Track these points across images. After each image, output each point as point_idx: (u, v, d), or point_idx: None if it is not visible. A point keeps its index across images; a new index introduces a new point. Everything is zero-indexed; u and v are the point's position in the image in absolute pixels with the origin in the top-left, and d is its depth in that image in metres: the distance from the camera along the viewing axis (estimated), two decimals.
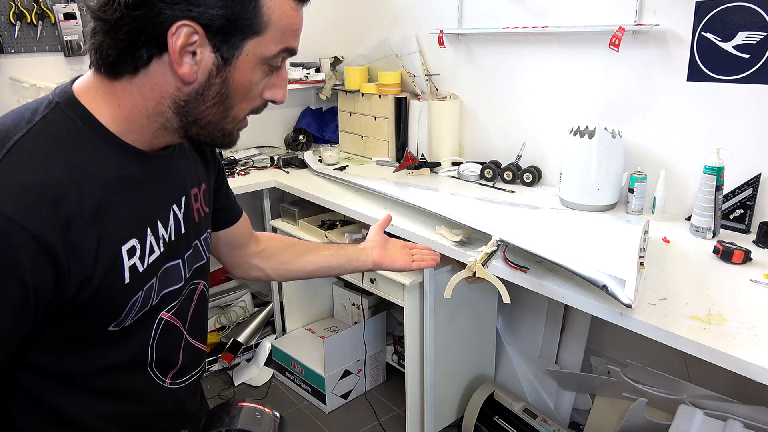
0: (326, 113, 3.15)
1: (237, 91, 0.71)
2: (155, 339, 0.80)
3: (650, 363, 1.81)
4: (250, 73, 0.71)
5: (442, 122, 2.46)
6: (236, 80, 0.70)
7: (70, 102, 0.69)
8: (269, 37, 0.69)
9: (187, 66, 0.67)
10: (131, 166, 0.72)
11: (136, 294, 0.72)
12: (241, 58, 0.69)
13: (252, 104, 0.75)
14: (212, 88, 0.70)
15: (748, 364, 1.06)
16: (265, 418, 0.79)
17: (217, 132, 0.74)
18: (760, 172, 1.65)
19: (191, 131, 0.74)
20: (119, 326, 0.73)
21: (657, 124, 1.86)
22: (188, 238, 0.84)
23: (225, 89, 0.70)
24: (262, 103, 0.76)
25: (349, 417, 2.41)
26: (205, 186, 0.91)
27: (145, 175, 0.74)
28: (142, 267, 0.73)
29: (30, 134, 0.64)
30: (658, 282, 1.38)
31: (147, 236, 0.74)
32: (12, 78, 2.33)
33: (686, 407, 1.48)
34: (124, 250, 0.70)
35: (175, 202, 0.81)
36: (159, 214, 0.77)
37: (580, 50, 2.02)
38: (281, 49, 0.71)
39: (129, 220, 0.71)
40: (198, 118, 0.72)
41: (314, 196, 2.22)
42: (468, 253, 1.57)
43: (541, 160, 2.22)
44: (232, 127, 0.75)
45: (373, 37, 2.79)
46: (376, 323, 2.50)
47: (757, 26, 1.58)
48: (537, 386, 2.19)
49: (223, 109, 0.72)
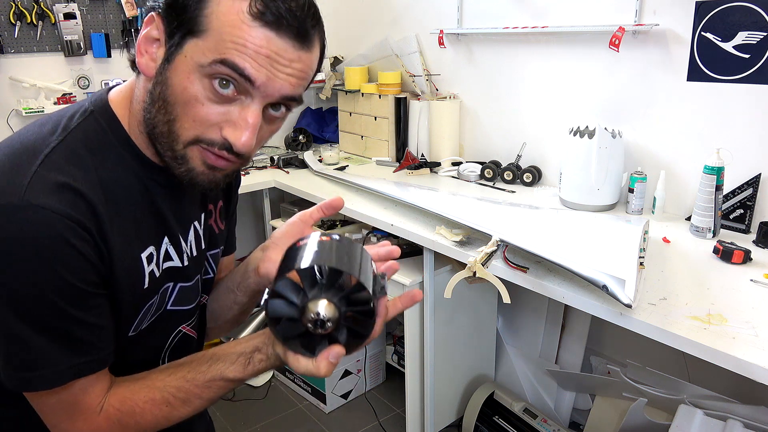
0: (326, 113, 3.15)
1: (176, 98, 0.64)
2: (170, 348, 0.82)
3: (650, 363, 1.81)
4: (185, 78, 0.63)
5: (442, 122, 2.46)
6: (173, 82, 0.64)
7: (103, 110, 0.71)
8: (208, 42, 0.62)
9: (146, 56, 0.67)
10: (151, 181, 0.73)
11: (152, 298, 0.75)
12: (179, 57, 0.64)
13: (201, 129, 0.65)
14: (157, 86, 0.66)
15: (748, 364, 1.06)
16: (334, 245, 0.64)
17: (168, 151, 0.67)
18: (760, 172, 1.65)
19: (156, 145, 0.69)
20: (137, 330, 0.75)
21: (657, 124, 1.86)
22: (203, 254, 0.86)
23: (164, 90, 0.65)
24: (219, 139, 0.66)
25: (349, 417, 2.41)
26: (222, 203, 0.92)
27: (165, 190, 0.75)
28: (158, 272, 0.75)
29: (65, 142, 0.67)
30: (658, 282, 1.38)
31: (163, 244, 0.76)
32: (12, 78, 2.33)
33: (686, 407, 1.48)
34: (144, 257, 0.72)
35: (196, 219, 0.83)
36: (180, 227, 0.79)
37: (580, 50, 2.02)
38: (216, 59, 0.62)
39: (148, 228, 0.73)
40: (154, 125, 0.67)
41: (314, 196, 2.22)
42: (468, 253, 1.57)
43: (541, 160, 2.22)
44: (181, 150, 0.67)
45: (373, 37, 2.79)
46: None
47: (757, 26, 1.58)
48: (537, 386, 2.19)
49: (167, 119, 0.66)
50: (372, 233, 2.11)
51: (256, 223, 3.12)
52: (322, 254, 0.62)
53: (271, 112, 0.69)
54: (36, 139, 0.67)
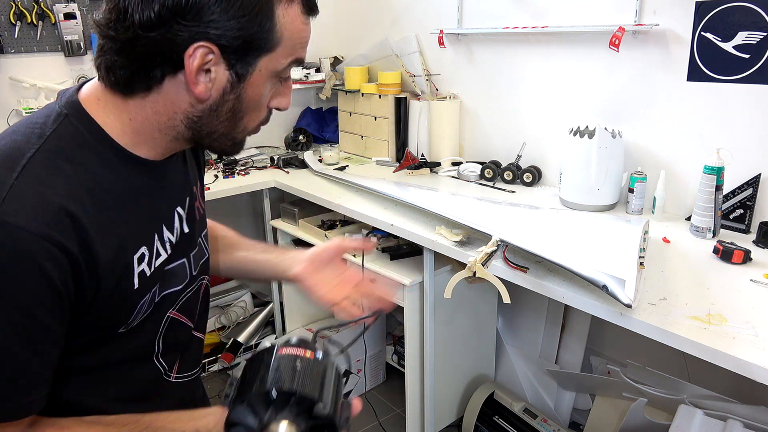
0: (326, 113, 3.15)
1: (249, 105, 0.72)
2: (162, 334, 0.81)
3: (650, 363, 1.81)
4: (261, 87, 0.72)
5: (442, 122, 2.46)
6: (249, 95, 0.71)
7: (78, 114, 0.69)
8: (281, 51, 0.70)
9: (202, 85, 0.68)
10: (138, 176, 0.73)
11: (144, 298, 0.74)
12: (255, 74, 0.70)
13: (261, 114, 0.76)
14: (226, 104, 0.71)
15: (748, 364, 1.06)
16: (311, 366, 0.64)
17: (227, 141, 0.76)
18: (760, 172, 1.65)
19: (203, 142, 0.75)
20: (128, 327, 0.74)
21: (657, 124, 1.86)
22: (193, 237, 0.85)
23: (238, 104, 0.72)
24: (269, 112, 0.77)
25: None
26: (200, 183, 0.92)
27: (151, 183, 0.75)
28: (150, 271, 0.74)
29: (42, 150, 0.65)
30: (658, 282, 1.38)
31: (155, 242, 0.75)
32: (12, 78, 2.33)
33: (686, 407, 1.48)
34: (135, 258, 0.71)
35: (179, 204, 0.82)
36: (165, 219, 0.78)
37: (580, 50, 2.02)
38: (291, 60, 0.72)
39: (138, 228, 0.73)
40: (211, 131, 0.73)
41: (314, 196, 2.22)
42: (468, 253, 1.57)
43: (541, 160, 2.22)
44: (242, 137, 0.77)
45: (373, 37, 2.79)
46: (376, 323, 2.50)
47: (757, 26, 1.58)
48: (537, 386, 2.20)
49: (234, 122, 0.73)
50: (372, 233, 2.11)
51: (256, 223, 3.12)
52: (282, 373, 0.62)
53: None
54: (11, 148, 0.64)
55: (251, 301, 2.88)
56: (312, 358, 0.65)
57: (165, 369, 0.83)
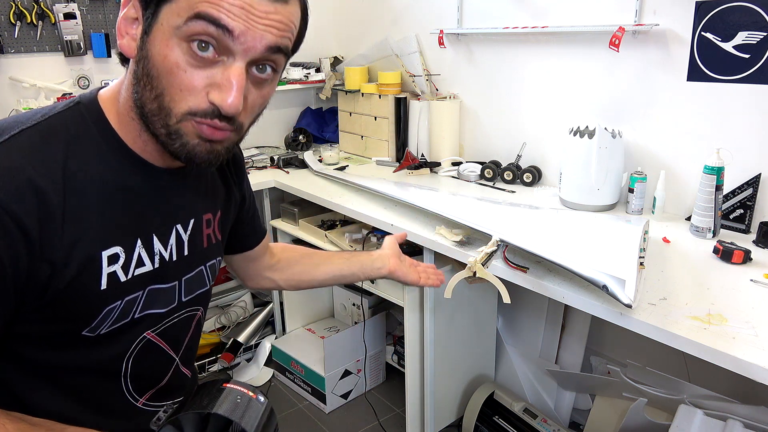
0: (326, 113, 3.15)
1: (158, 69, 0.63)
2: (133, 354, 0.78)
3: (650, 363, 1.81)
4: (164, 46, 0.62)
5: (442, 122, 2.46)
6: (153, 53, 0.63)
7: (90, 104, 0.69)
8: (181, 2, 0.61)
9: (127, 37, 0.65)
10: (131, 176, 0.70)
11: (113, 302, 0.71)
12: (156, 27, 0.63)
13: (191, 101, 0.64)
14: (140, 63, 0.65)
15: (748, 364, 1.06)
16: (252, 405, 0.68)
17: (162, 128, 0.65)
18: (760, 172, 1.65)
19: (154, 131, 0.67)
20: (94, 333, 0.71)
21: (657, 124, 1.86)
22: (191, 262, 0.82)
23: (147, 65, 0.64)
24: (207, 106, 0.64)
25: (349, 417, 2.41)
26: (221, 214, 0.89)
27: (145, 188, 0.72)
28: (125, 277, 0.71)
29: (37, 126, 0.65)
30: (658, 282, 1.38)
31: (136, 248, 0.72)
32: (12, 78, 2.33)
33: (686, 407, 1.48)
34: (105, 255, 0.68)
35: (180, 222, 0.79)
36: (157, 229, 0.75)
37: (580, 50, 2.02)
38: (190, 15, 0.61)
39: (117, 227, 0.69)
40: (142, 106, 0.66)
41: (314, 196, 2.22)
42: (468, 253, 1.57)
43: (541, 160, 2.22)
44: (175, 125, 0.65)
45: (373, 37, 2.79)
46: (376, 323, 2.50)
47: (757, 26, 1.58)
48: (537, 386, 2.19)
49: (154, 95, 0.64)
50: (372, 233, 2.11)
51: None
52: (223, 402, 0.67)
53: (256, 74, 0.66)
54: (12, 121, 0.65)
55: (251, 301, 2.88)
56: (254, 398, 0.69)
57: (131, 392, 0.80)
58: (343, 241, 2.14)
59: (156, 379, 0.84)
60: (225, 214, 0.91)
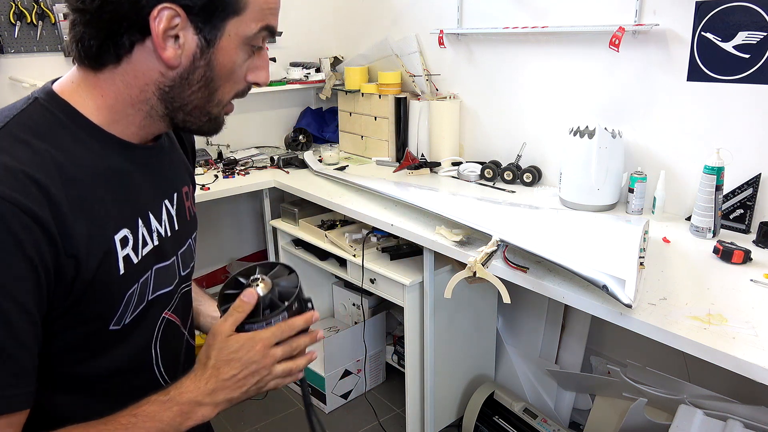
0: (326, 113, 3.15)
1: (221, 73, 0.71)
2: (158, 338, 0.79)
3: (650, 363, 1.81)
4: (233, 54, 0.70)
5: (442, 122, 2.46)
6: (220, 62, 0.70)
7: (50, 97, 0.69)
8: (249, 15, 0.69)
9: (171, 50, 0.67)
10: (117, 156, 0.71)
11: (132, 287, 0.72)
12: (224, 38, 0.69)
13: (236, 87, 0.74)
14: (197, 71, 0.69)
15: (748, 364, 1.06)
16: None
17: (203, 117, 0.73)
18: (760, 172, 1.65)
19: (177, 118, 0.73)
20: (120, 324, 0.72)
21: (657, 124, 1.86)
22: (182, 236, 0.84)
23: (209, 72, 0.70)
24: (245, 86, 0.75)
25: (349, 417, 2.41)
26: (192, 187, 0.92)
27: (132, 167, 0.73)
28: (137, 258, 0.72)
29: (7, 127, 0.64)
30: (658, 282, 1.38)
31: (139, 227, 0.73)
32: (12, 78, 2.33)
33: (686, 407, 1.48)
34: (117, 239, 0.69)
35: (166, 197, 0.80)
36: (151, 206, 0.76)
37: (580, 50, 2.02)
38: (261, 27, 0.70)
39: (119, 210, 0.70)
40: (184, 103, 0.71)
41: (314, 196, 2.22)
42: (468, 253, 1.57)
43: (541, 160, 2.22)
44: (218, 112, 0.74)
45: (373, 37, 2.79)
46: (376, 323, 2.50)
47: (757, 26, 1.58)
48: (537, 386, 2.19)
49: (208, 93, 0.71)
50: (372, 233, 2.11)
51: (256, 223, 3.12)
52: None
53: None
54: None
55: None
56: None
57: (165, 378, 0.81)
58: (343, 241, 2.14)
59: (176, 357, 0.85)
60: (193, 185, 0.93)
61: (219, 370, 0.71)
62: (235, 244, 3.08)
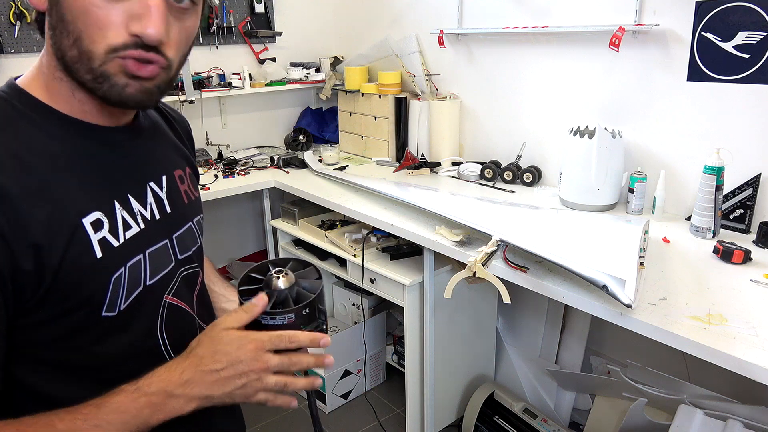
0: (326, 113, 3.15)
1: (72, 12, 0.61)
2: (163, 323, 0.77)
3: (650, 363, 1.81)
4: None
5: (442, 122, 2.46)
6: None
7: (8, 87, 0.68)
8: None
9: None
10: (81, 139, 0.69)
11: (116, 270, 0.69)
12: None
13: (110, 37, 0.62)
14: (52, 11, 0.63)
15: (748, 364, 1.06)
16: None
17: (87, 74, 0.64)
18: (760, 172, 1.65)
19: (80, 80, 0.65)
20: (115, 309, 0.69)
21: (657, 124, 1.86)
22: (177, 219, 0.82)
23: (59, 10, 0.62)
24: (128, 38, 0.62)
25: (349, 417, 2.41)
26: (191, 171, 0.89)
27: (101, 149, 0.71)
28: (118, 242, 0.69)
29: None
30: (658, 282, 1.38)
31: (116, 210, 0.71)
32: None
33: (686, 407, 1.48)
34: (87, 222, 0.66)
35: (152, 180, 0.78)
36: (129, 189, 0.74)
37: (580, 50, 2.02)
38: None
39: (86, 192, 0.68)
40: (69, 59, 0.64)
41: (314, 196, 2.22)
42: (468, 253, 1.57)
43: (541, 160, 2.22)
44: (100, 68, 0.63)
45: (373, 37, 2.79)
46: (376, 323, 2.50)
47: (757, 26, 1.58)
48: (537, 386, 2.19)
49: (72, 40, 0.62)
50: (372, 233, 2.11)
51: (256, 223, 3.12)
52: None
53: (174, 3, 0.65)
54: None
55: None
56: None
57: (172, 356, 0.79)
58: (343, 241, 2.14)
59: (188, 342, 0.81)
60: (194, 173, 0.91)
61: (201, 360, 0.68)
62: (235, 244, 3.08)
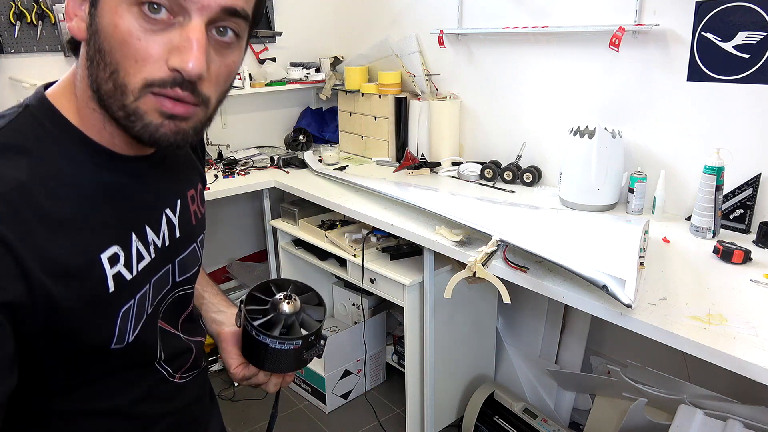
0: (326, 113, 3.15)
1: (110, 41, 0.57)
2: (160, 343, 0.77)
3: (650, 363, 1.81)
4: (114, 15, 0.56)
5: (442, 122, 2.46)
6: (104, 28, 0.57)
7: (40, 103, 0.64)
8: None
9: (76, 19, 0.60)
10: (106, 170, 0.66)
11: (126, 303, 0.66)
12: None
13: (147, 71, 0.57)
14: (91, 42, 0.59)
15: (748, 364, 1.06)
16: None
17: (120, 111, 0.59)
18: (760, 172, 1.65)
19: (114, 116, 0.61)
20: (123, 342, 0.66)
21: (657, 124, 1.86)
22: (184, 243, 0.80)
23: (98, 40, 0.58)
24: (166, 74, 0.58)
25: (349, 417, 2.41)
26: (200, 186, 0.87)
27: (125, 179, 0.68)
28: (131, 275, 0.67)
29: None
30: (658, 282, 1.38)
31: (132, 242, 0.67)
32: (12, 78, 2.33)
33: (686, 407, 1.48)
34: (104, 258, 0.63)
35: (168, 207, 0.76)
36: (147, 219, 0.71)
37: (580, 50, 2.02)
38: None
39: (107, 227, 0.64)
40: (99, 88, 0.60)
41: (314, 196, 2.22)
42: (468, 253, 1.57)
43: (541, 160, 2.22)
44: (133, 104, 0.58)
45: (373, 37, 2.79)
46: (376, 323, 2.50)
47: (757, 26, 1.58)
48: (537, 386, 2.19)
49: (109, 73, 0.58)
50: (372, 233, 2.11)
51: (256, 223, 3.12)
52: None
53: (216, 36, 0.60)
54: None
55: None
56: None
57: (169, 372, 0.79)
58: (343, 241, 2.14)
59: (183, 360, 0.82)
60: (203, 184, 0.89)
61: None
62: (235, 244, 3.08)
